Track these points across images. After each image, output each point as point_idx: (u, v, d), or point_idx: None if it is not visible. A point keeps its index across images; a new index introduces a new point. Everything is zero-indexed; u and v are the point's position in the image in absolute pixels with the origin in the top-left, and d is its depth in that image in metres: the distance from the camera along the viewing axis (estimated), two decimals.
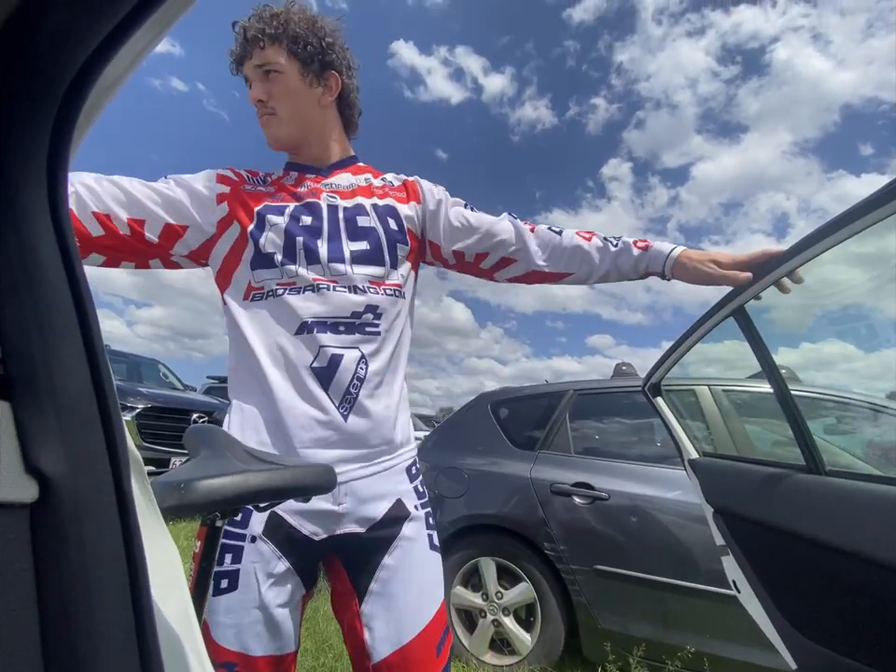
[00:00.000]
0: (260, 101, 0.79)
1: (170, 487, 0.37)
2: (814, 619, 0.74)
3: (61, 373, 0.18)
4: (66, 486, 0.16)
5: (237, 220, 0.76)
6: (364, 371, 0.74)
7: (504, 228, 0.87)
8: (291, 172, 0.85)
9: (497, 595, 1.93)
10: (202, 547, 0.51)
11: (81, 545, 0.15)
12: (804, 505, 0.72)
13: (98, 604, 0.15)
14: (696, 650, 1.56)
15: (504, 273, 0.89)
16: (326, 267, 0.75)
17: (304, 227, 0.77)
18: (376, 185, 0.86)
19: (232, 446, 0.52)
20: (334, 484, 0.50)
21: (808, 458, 0.74)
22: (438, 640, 0.71)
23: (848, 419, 1.89)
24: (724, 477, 0.96)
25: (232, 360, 0.77)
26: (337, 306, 0.74)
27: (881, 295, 0.98)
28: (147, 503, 0.27)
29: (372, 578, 0.71)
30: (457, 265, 0.90)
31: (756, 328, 0.81)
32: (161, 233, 0.72)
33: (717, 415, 1.75)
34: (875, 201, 0.54)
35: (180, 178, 0.76)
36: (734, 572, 0.94)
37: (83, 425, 0.17)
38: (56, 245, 0.19)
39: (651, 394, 1.13)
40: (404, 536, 0.73)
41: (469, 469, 2.15)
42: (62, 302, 0.18)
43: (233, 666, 0.64)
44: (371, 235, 0.79)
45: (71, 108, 0.20)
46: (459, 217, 0.87)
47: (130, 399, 4.07)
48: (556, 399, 2.21)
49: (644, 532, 1.72)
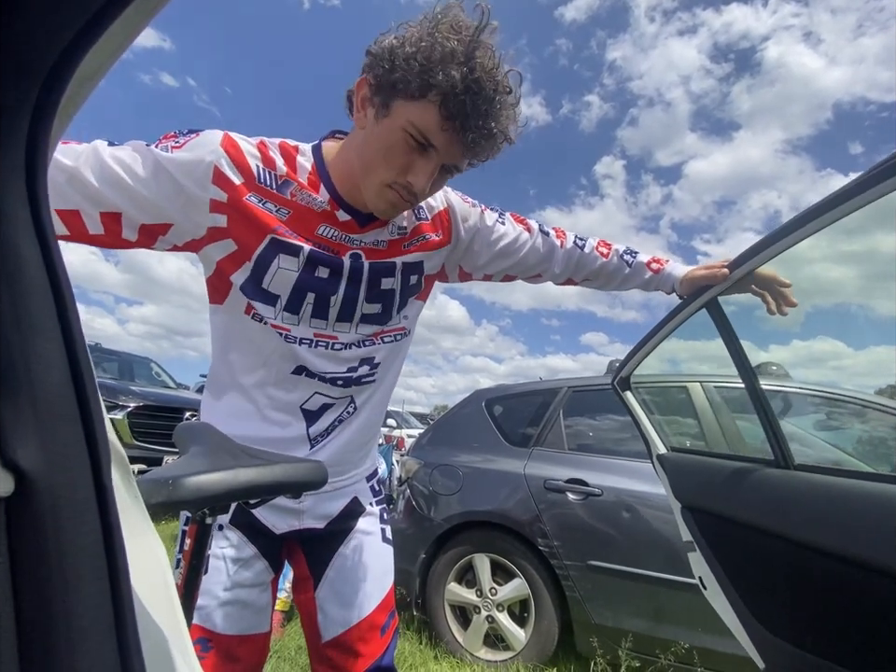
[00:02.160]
0: (418, 193, 0.63)
1: (157, 484, 0.36)
2: (782, 616, 0.74)
3: (39, 366, 0.17)
4: (43, 480, 0.15)
5: (236, 243, 0.65)
6: (350, 413, 0.76)
7: (535, 253, 0.85)
8: (338, 208, 0.68)
9: (491, 592, 1.94)
10: (192, 545, 0.50)
11: (58, 540, 0.15)
12: (772, 500, 0.72)
13: (76, 600, 0.15)
14: (689, 644, 1.58)
15: (525, 281, 0.92)
16: (331, 325, 0.70)
17: (319, 280, 0.67)
18: (409, 230, 0.75)
19: (224, 442, 0.52)
20: (325, 481, 0.50)
21: (777, 452, 0.74)
22: (383, 623, 0.78)
23: (837, 415, 1.91)
24: (692, 472, 0.96)
25: (217, 367, 0.74)
26: (333, 363, 0.72)
27: (870, 293, 0.99)
28: (132, 499, 0.27)
29: (328, 565, 0.76)
30: (479, 280, 0.89)
31: (729, 320, 0.81)
32: (139, 231, 0.62)
33: (709, 412, 1.77)
34: (844, 193, 0.55)
35: (161, 165, 0.59)
36: (700, 569, 0.94)
37: (61, 418, 0.17)
38: (35, 236, 0.19)
39: (620, 388, 1.13)
40: (359, 529, 0.79)
41: (463, 465, 2.16)
42: (41, 295, 0.18)
43: (207, 642, 0.67)
44: (388, 298, 0.74)
45: (50, 97, 0.20)
46: (494, 247, 0.81)
47: (122, 397, 4.03)
48: (550, 396, 2.22)
49: (637, 527, 1.74)
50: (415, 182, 0.60)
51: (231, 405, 0.73)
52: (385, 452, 3.85)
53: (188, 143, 0.61)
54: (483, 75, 0.55)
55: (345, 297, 0.69)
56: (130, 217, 0.60)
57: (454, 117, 0.56)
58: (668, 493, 1.03)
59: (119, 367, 5.47)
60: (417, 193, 0.62)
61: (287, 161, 0.67)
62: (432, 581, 2.05)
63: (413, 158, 0.60)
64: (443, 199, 0.78)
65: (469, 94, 0.55)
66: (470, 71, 0.55)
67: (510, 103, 0.60)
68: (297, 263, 0.66)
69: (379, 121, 0.61)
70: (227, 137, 0.63)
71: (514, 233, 0.82)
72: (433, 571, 2.05)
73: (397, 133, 0.59)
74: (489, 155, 0.63)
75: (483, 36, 0.56)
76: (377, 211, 0.66)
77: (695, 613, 1.57)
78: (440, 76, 0.55)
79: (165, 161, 0.59)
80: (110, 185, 0.57)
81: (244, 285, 0.66)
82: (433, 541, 2.06)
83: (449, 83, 0.54)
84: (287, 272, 0.66)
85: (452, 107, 0.55)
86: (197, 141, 0.62)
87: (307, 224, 0.66)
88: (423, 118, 0.57)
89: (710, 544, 0.89)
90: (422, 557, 2.06)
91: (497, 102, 0.57)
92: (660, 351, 1.06)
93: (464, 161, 0.63)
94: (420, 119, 0.57)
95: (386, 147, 0.60)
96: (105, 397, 3.92)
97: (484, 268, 0.83)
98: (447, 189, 0.79)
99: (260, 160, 0.65)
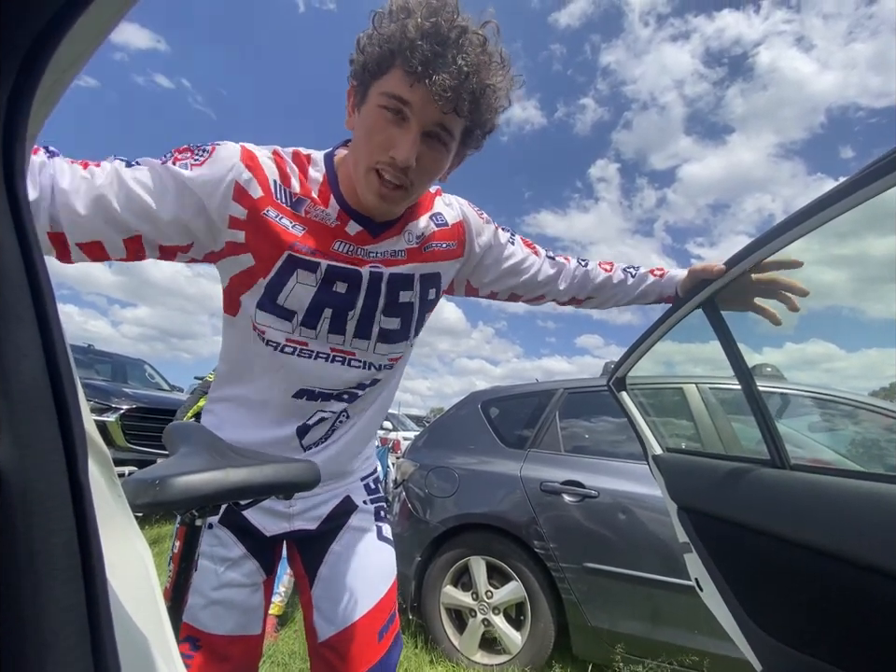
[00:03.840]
0: (406, 167, 0.58)
1: (144, 484, 0.35)
2: (779, 617, 0.73)
3: (13, 357, 0.17)
4: (14, 475, 0.15)
5: (255, 257, 0.63)
6: (344, 422, 0.76)
7: (541, 274, 0.84)
8: (348, 219, 0.66)
9: (486, 595, 1.93)
10: (181, 547, 0.49)
11: (30, 538, 0.14)
12: (768, 500, 0.71)
13: (47, 601, 0.14)
14: (686, 646, 1.57)
15: (527, 303, 0.91)
16: (348, 340, 0.69)
17: (337, 295, 0.66)
18: (426, 235, 0.73)
19: (214, 442, 0.51)
20: (318, 481, 0.49)
21: (773, 452, 0.73)
22: (381, 626, 0.75)
23: (830, 416, 1.92)
24: (688, 473, 0.96)
25: (223, 372, 0.76)
26: (346, 380, 0.72)
27: (862, 296, 1.00)
28: (115, 498, 0.26)
29: (321, 563, 0.76)
30: (484, 297, 0.88)
31: (725, 320, 0.80)
32: (160, 249, 0.62)
33: (704, 413, 1.77)
34: (837, 193, 0.55)
35: (185, 186, 0.58)
36: (697, 570, 0.93)
37: (35, 410, 0.16)
38: (11, 221, 0.18)
39: (615, 388, 1.13)
40: (351, 525, 0.78)
41: (459, 468, 2.15)
42: (15, 281, 0.17)
43: (196, 641, 0.67)
44: (406, 312, 0.72)
45: (28, 81, 0.19)
46: (504, 264, 0.81)
47: (114, 399, 3.99)
48: (546, 398, 2.21)
49: (633, 529, 1.73)
50: (397, 154, 0.56)
51: (229, 411, 0.74)
52: (381, 454, 3.83)
53: (207, 160, 0.60)
54: (441, 20, 0.52)
55: (364, 310, 0.68)
56: (152, 239, 0.59)
57: (417, 66, 0.53)
58: (664, 494, 1.02)
59: (113, 369, 5.42)
60: (402, 166, 0.58)
61: (301, 173, 0.66)
62: (428, 584, 2.03)
63: (391, 132, 0.57)
64: (459, 211, 0.77)
65: (426, 39, 0.52)
66: (426, 18, 0.52)
67: (483, 48, 0.55)
68: (314, 279, 0.64)
69: (360, 111, 0.60)
70: (245, 150, 0.62)
71: (523, 255, 0.83)
72: (429, 574, 2.04)
73: (373, 111, 0.58)
74: (476, 109, 0.57)
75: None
76: (372, 207, 0.64)
77: (692, 616, 1.56)
78: (397, 36, 0.53)
79: (188, 181, 0.58)
80: (135, 212, 0.56)
81: (259, 301, 0.65)
82: (429, 544, 2.05)
83: (405, 35, 0.52)
84: (305, 287, 0.64)
85: (413, 59, 0.53)
86: (216, 157, 0.60)
87: (322, 241, 0.65)
88: (391, 83, 0.56)
89: (707, 545, 0.88)
90: (418, 560, 2.05)
91: (463, 44, 0.53)
92: (655, 353, 1.06)
93: (450, 118, 0.57)
94: (389, 86, 0.56)
95: (367, 129, 0.59)
96: (98, 399, 3.87)
97: (491, 284, 0.83)
98: (462, 203, 0.79)
99: (277, 175, 0.63)
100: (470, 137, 0.63)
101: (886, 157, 0.50)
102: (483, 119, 0.60)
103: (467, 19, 0.55)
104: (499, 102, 0.60)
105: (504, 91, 0.59)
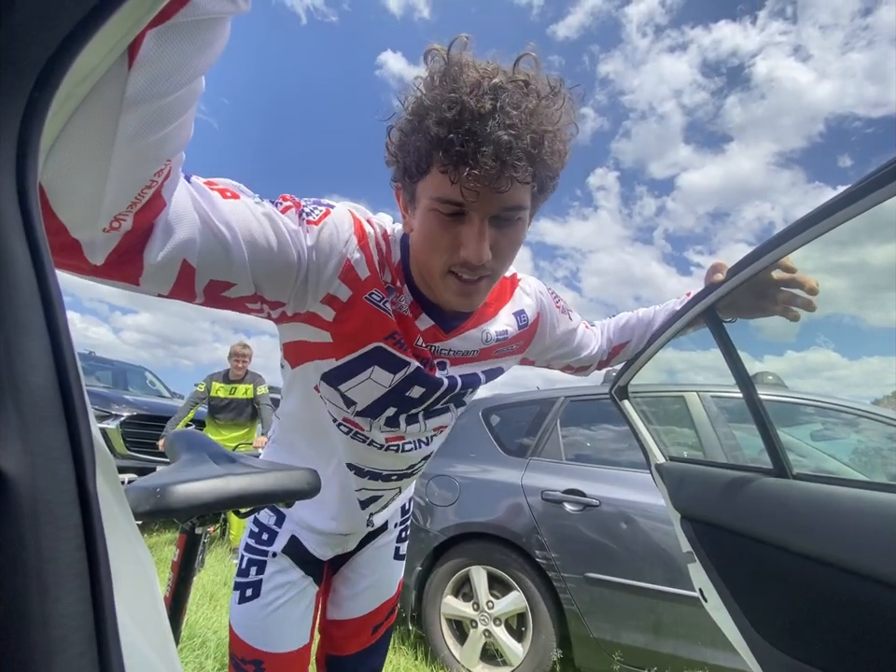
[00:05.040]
0: (477, 264, 0.51)
1: (145, 492, 0.35)
2: (784, 628, 0.73)
3: (23, 367, 0.17)
4: (24, 484, 0.15)
5: (333, 336, 0.57)
6: (395, 495, 0.83)
7: (588, 340, 0.87)
8: (420, 312, 0.60)
9: (488, 605, 1.91)
10: (180, 555, 0.49)
11: (38, 546, 0.15)
12: (771, 509, 0.71)
13: (54, 608, 0.14)
14: (689, 657, 1.55)
15: (574, 374, 0.94)
16: (403, 431, 0.68)
17: (409, 399, 0.63)
18: (508, 339, 0.69)
19: (214, 450, 0.51)
20: (318, 489, 0.49)
21: (776, 461, 0.73)
22: (377, 622, 0.87)
23: (832, 425, 1.92)
24: (691, 482, 0.95)
25: (288, 424, 0.76)
26: (398, 464, 0.74)
27: (862, 304, 1.00)
28: (119, 506, 0.26)
29: (344, 563, 0.86)
30: (539, 367, 0.90)
31: (726, 330, 0.81)
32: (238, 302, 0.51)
33: (706, 422, 1.77)
34: (838, 202, 0.55)
35: (306, 246, 0.50)
36: (700, 580, 0.92)
37: (45, 420, 0.16)
38: (24, 232, 0.19)
39: (617, 397, 1.13)
40: (375, 544, 0.87)
41: (460, 476, 2.14)
42: (27, 292, 0.18)
43: (260, 664, 0.72)
44: (459, 399, 0.72)
45: (43, 94, 0.20)
46: (562, 350, 0.83)
47: (115, 406, 3.98)
48: (547, 406, 2.21)
49: (636, 539, 1.72)
50: (468, 254, 0.50)
51: (280, 455, 0.79)
52: None
53: (322, 223, 0.52)
54: (463, 97, 0.45)
55: (427, 411, 0.68)
56: (240, 289, 0.48)
57: (453, 164, 0.46)
58: (667, 503, 1.02)
59: (114, 376, 5.42)
60: (478, 265, 0.51)
61: (388, 251, 0.58)
62: (428, 594, 2.01)
63: (455, 231, 0.50)
64: (538, 303, 0.73)
65: (456, 131, 0.45)
66: (446, 110, 0.45)
67: (525, 92, 0.47)
68: (391, 379, 0.59)
69: (414, 215, 0.54)
70: (357, 221, 0.55)
71: (575, 324, 0.84)
72: (429, 584, 2.02)
73: (428, 215, 0.51)
74: (537, 163, 0.49)
75: None
76: (457, 307, 0.57)
77: (695, 627, 1.55)
78: (423, 141, 0.47)
79: (309, 239, 0.50)
80: (255, 261, 0.46)
81: (325, 374, 0.60)
82: (429, 553, 2.03)
83: (431, 138, 0.47)
84: (376, 385, 0.59)
85: (447, 159, 0.46)
86: (330, 221, 0.52)
87: (408, 335, 0.58)
88: (436, 185, 0.49)
89: (710, 555, 0.87)
90: (418, 570, 2.03)
91: (502, 106, 0.45)
92: (657, 361, 1.06)
93: (512, 193, 0.49)
94: (436, 189, 0.49)
95: (427, 235, 0.52)
96: (98, 406, 3.87)
97: (549, 360, 0.86)
98: (542, 291, 0.75)
99: (379, 252, 0.56)
100: (544, 190, 0.54)
101: (886, 166, 0.50)
102: (552, 167, 0.51)
103: (492, 70, 0.47)
104: (563, 138, 0.51)
105: (565, 123, 0.50)
